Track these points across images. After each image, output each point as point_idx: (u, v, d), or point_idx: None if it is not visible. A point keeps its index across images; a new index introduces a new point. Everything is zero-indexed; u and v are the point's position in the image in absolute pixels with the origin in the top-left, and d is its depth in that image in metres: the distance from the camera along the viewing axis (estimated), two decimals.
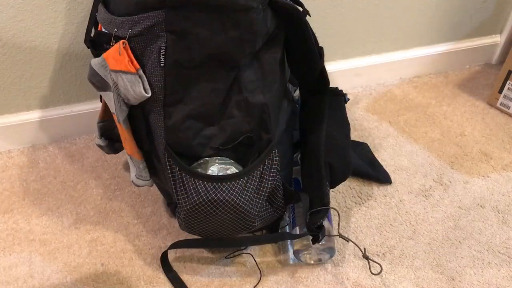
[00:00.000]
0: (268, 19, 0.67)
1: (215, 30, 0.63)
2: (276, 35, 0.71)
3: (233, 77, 0.69)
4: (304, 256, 0.81)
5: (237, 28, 0.63)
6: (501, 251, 0.85)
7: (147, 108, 0.71)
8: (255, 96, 0.71)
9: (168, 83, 0.67)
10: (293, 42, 0.76)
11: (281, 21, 0.71)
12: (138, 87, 0.67)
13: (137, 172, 0.80)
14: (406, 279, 0.81)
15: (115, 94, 0.70)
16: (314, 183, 0.79)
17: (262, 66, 0.71)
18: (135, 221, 0.91)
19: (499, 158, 1.03)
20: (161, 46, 0.65)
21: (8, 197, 0.96)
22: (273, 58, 0.73)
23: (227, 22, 0.62)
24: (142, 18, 0.64)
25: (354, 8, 1.10)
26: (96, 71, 0.72)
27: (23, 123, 1.04)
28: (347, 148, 0.88)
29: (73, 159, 1.05)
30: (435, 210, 0.92)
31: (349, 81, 1.23)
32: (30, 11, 0.90)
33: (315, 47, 0.77)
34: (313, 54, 0.77)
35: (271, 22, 0.68)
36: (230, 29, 0.63)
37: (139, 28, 0.65)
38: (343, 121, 0.91)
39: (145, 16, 0.64)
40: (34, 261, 0.84)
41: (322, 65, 0.81)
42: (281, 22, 0.71)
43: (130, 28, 0.65)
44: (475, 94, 1.21)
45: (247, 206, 0.73)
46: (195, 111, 0.70)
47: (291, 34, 0.75)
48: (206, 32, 0.63)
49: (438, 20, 1.19)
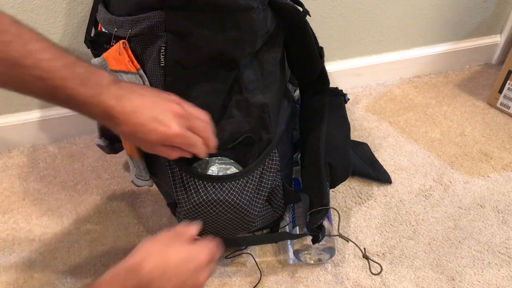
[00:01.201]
0: (268, 19, 0.67)
1: (215, 30, 0.63)
2: (276, 35, 0.71)
3: (233, 77, 0.69)
4: (304, 256, 0.81)
5: (237, 28, 0.63)
6: (501, 251, 0.85)
7: None
8: (255, 96, 0.71)
9: (169, 83, 0.67)
10: (293, 42, 0.76)
11: (281, 21, 0.71)
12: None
13: (137, 172, 0.80)
14: (406, 279, 0.81)
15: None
16: (314, 183, 0.79)
17: (262, 66, 0.71)
18: (135, 221, 0.91)
19: (499, 158, 1.03)
20: (161, 46, 0.64)
21: (8, 197, 0.96)
22: (273, 58, 0.73)
23: (227, 22, 0.62)
24: (142, 18, 0.64)
25: (354, 8, 1.10)
26: None
27: (23, 123, 1.04)
28: (347, 148, 0.88)
29: (73, 159, 1.05)
30: (435, 210, 0.92)
31: (349, 81, 1.23)
32: (30, 11, 0.90)
33: (315, 47, 0.77)
34: (313, 54, 0.77)
35: (271, 22, 0.68)
36: (230, 29, 0.63)
37: (139, 28, 0.64)
38: (343, 121, 0.91)
39: (145, 16, 0.63)
40: (34, 261, 0.84)
41: (322, 65, 0.81)
42: (281, 22, 0.71)
43: (130, 28, 0.65)
44: (475, 94, 1.21)
45: (247, 206, 0.73)
46: None
47: (291, 34, 0.74)
48: (206, 32, 0.63)
49: (438, 20, 1.19)
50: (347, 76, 1.22)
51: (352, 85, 1.24)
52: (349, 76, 1.22)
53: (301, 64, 0.81)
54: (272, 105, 0.73)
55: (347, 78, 1.22)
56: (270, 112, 0.72)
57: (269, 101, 0.72)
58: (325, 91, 0.86)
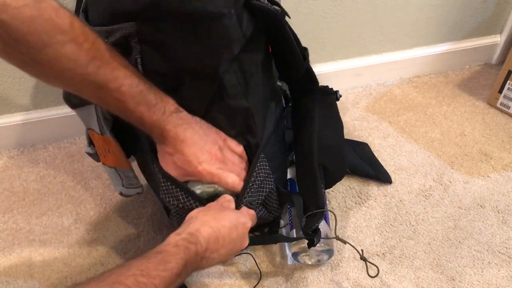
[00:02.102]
0: (243, 23, 0.65)
1: (187, 40, 0.62)
2: (256, 37, 0.69)
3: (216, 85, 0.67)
4: (303, 257, 0.81)
5: (209, 36, 0.62)
6: (501, 251, 0.85)
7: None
8: (237, 100, 0.69)
9: None
10: (274, 44, 0.75)
11: (259, 23, 0.69)
12: None
13: (126, 181, 0.79)
14: (406, 279, 0.81)
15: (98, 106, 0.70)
16: (309, 186, 0.78)
17: (243, 69, 0.69)
18: (135, 221, 0.91)
19: (499, 158, 1.03)
20: (137, 57, 0.63)
21: (8, 197, 0.96)
22: (254, 61, 0.71)
23: (199, 30, 0.61)
24: (116, 29, 0.62)
25: (354, 8, 1.10)
26: None
27: (23, 123, 1.04)
28: (341, 147, 0.87)
29: (73, 159, 1.05)
30: (435, 210, 0.92)
31: (349, 81, 1.23)
32: None
33: (297, 49, 0.75)
34: (295, 56, 0.75)
35: (248, 26, 0.66)
36: (202, 38, 0.62)
37: (113, 39, 0.63)
38: (335, 120, 0.90)
39: (118, 27, 0.62)
40: (34, 261, 0.85)
41: (306, 67, 0.79)
42: (260, 24, 0.69)
43: (106, 38, 0.63)
44: (475, 94, 1.21)
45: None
46: None
47: (271, 36, 0.73)
48: (179, 42, 0.62)
49: (438, 20, 1.19)
50: (347, 76, 1.22)
51: (352, 85, 1.24)
52: (349, 76, 1.22)
53: (285, 66, 0.79)
54: (257, 108, 0.72)
55: (347, 78, 1.22)
56: (254, 116, 0.71)
57: (253, 105, 0.71)
58: (314, 90, 0.85)
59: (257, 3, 0.66)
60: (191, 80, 0.66)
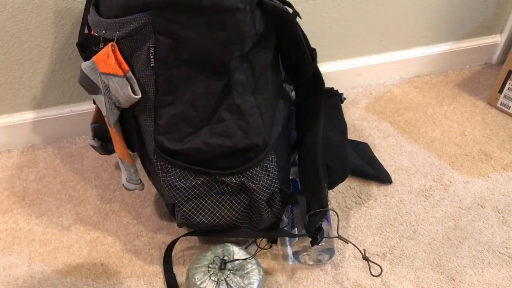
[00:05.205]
0: (256, 21, 0.66)
1: (201, 32, 0.62)
2: (266, 36, 0.70)
3: (226, 81, 0.68)
4: (304, 257, 0.81)
5: (224, 30, 0.63)
6: (501, 251, 0.85)
7: (137, 110, 0.71)
8: (246, 98, 0.70)
9: (159, 84, 0.67)
10: (284, 44, 0.75)
11: (271, 22, 0.70)
12: (126, 89, 0.66)
13: (127, 175, 0.79)
14: (406, 279, 0.81)
15: (106, 97, 0.70)
16: (312, 185, 0.79)
17: (253, 67, 0.70)
18: (135, 221, 0.91)
19: (499, 158, 1.03)
20: (150, 46, 0.64)
21: (8, 197, 0.96)
22: (264, 60, 0.72)
23: (213, 23, 0.62)
24: (130, 20, 0.63)
25: (354, 8, 1.10)
26: (87, 75, 0.72)
27: (23, 123, 1.04)
28: (345, 148, 0.87)
29: (73, 159, 1.05)
30: (435, 210, 0.92)
31: (349, 81, 1.23)
32: (30, 11, 0.90)
33: (306, 50, 0.75)
34: (304, 56, 0.76)
35: (260, 24, 0.67)
36: (217, 31, 0.62)
37: (126, 30, 0.64)
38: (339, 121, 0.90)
39: (132, 18, 0.63)
40: (34, 261, 0.84)
41: (314, 67, 0.80)
42: (271, 24, 0.70)
43: (118, 30, 0.64)
44: (475, 94, 1.21)
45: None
46: (185, 113, 0.69)
47: (281, 36, 0.73)
48: (193, 34, 0.62)
49: (438, 20, 1.19)
50: (347, 76, 1.22)
51: (352, 85, 1.24)
52: (349, 76, 1.22)
53: (293, 66, 0.80)
54: (265, 107, 0.72)
55: (347, 78, 1.22)
56: (263, 115, 0.71)
57: (262, 103, 0.71)
58: (320, 92, 0.85)
59: (270, 2, 0.67)
60: (201, 74, 0.66)
